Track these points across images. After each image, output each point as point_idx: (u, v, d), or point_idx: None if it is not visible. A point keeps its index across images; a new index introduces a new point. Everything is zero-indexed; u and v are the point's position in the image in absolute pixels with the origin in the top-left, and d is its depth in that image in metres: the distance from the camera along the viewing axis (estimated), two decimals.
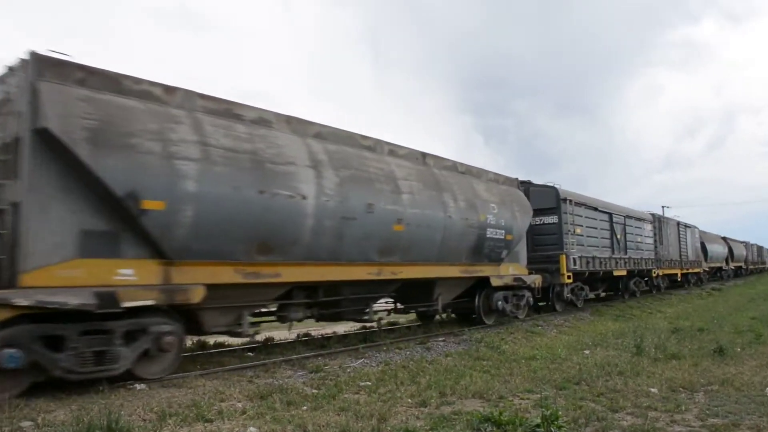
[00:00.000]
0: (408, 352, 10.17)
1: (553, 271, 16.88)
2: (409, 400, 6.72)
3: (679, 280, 30.87)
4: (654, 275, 25.95)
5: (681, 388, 7.37)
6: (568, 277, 17.09)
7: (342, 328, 14.06)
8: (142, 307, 7.09)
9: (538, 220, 17.24)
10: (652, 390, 7.20)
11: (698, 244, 35.82)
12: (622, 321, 16.59)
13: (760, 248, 75.32)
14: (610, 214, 21.56)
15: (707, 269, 38.40)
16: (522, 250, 15.20)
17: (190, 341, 10.38)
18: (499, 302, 13.91)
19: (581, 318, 16.62)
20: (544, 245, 17.44)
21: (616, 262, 21.24)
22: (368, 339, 11.68)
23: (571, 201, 18.00)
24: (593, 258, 18.99)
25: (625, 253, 22.31)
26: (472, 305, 13.90)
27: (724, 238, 49.20)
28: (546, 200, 17.62)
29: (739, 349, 10.30)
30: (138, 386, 7.10)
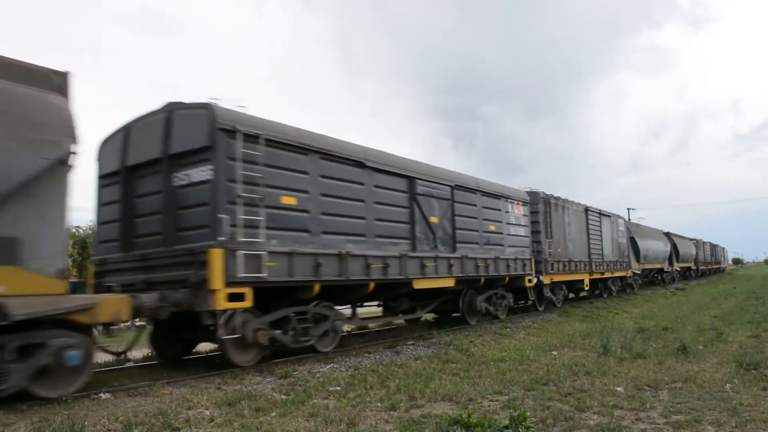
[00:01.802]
0: (377, 356, 10.16)
1: (197, 284, 8.29)
2: (379, 404, 6.72)
3: (586, 288, 22.74)
4: (529, 284, 17.10)
5: (646, 387, 7.50)
6: (235, 297, 8.41)
7: None
8: None
9: (182, 177, 9.03)
10: (618, 389, 7.31)
11: (623, 240, 27.82)
12: (589, 322, 16.81)
13: (713, 247, 66.89)
14: (411, 179, 12.38)
15: (639, 272, 31.17)
16: None
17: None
18: None
19: (549, 320, 16.79)
20: (186, 229, 8.92)
21: (422, 266, 12.24)
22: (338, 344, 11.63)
23: (253, 137, 9.00)
24: (341, 257, 10.22)
25: (453, 249, 13.46)
26: None
27: (668, 234, 41.86)
28: (193, 135, 8.92)
29: (701, 347, 10.53)
30: (103, 396, 6.96)
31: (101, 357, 10.02)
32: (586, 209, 22.77)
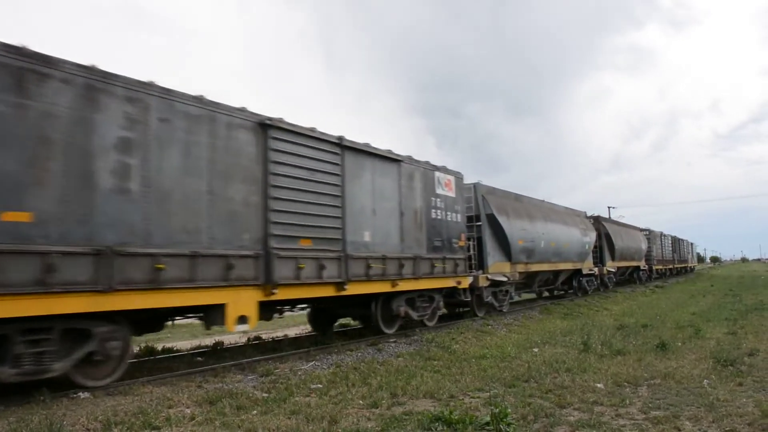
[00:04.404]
0: (359, 354, 10.16)
1: None
2: (361, 401, 6.72)
3: (234, 329, 8.31)
4: None
5: (626, 383, 7.57)
6: None
7: (293, 331, 13.97)
8: None
9: None
10: (598, 385, 7.38)
11: (455, 218, 14.41)
12: (570, 319, 16.93)
13: (677, 241, 51.71)
14: None
15: (510, 278, 17.28)
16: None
17: (137, 347, 10.11)
18: None
19: (530, 317, 16.89)
20: None
21: None
22: (319, 342, 11.61)
23: None
24: None
25: None
26: None
27: (596, 218, 28.23)
28: None
29: (680, 344, 10.66)
30: (82, 395, 6.88)
31: None
32: (262, 124, 9.01)
